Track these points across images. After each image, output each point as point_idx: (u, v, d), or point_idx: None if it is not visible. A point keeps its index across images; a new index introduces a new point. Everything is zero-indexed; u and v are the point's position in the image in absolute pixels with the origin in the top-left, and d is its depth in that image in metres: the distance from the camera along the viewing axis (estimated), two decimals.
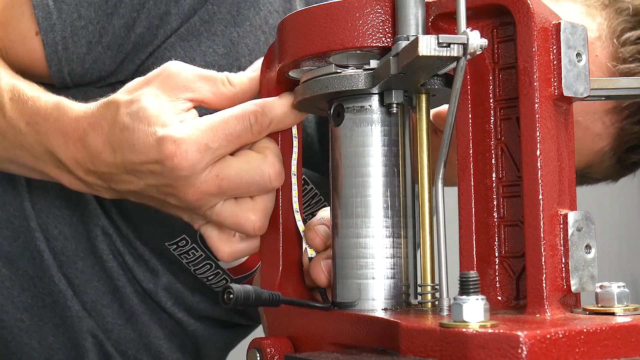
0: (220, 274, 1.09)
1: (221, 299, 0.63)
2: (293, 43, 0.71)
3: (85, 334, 1.07)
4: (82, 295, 1.06)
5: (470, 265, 0.67)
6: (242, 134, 0.75)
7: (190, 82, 0.78)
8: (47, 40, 0.96)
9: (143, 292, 1.09)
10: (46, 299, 1.06)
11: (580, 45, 0.65)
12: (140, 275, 1.08)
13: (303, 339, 0.71)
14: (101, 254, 1.05)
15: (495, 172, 0.67)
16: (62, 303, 1.06)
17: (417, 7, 0.67)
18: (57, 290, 1.05)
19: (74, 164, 0.82)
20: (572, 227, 0.63)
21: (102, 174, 0.81)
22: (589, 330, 0.54)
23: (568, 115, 0.67)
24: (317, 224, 0.77)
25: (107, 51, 0.97)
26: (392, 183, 0.71)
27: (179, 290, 1.10)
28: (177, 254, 1.06)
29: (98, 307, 1.08)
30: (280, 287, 0.76)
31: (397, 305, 0.70)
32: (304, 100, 0.73)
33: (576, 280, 0.62)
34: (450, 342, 0.53)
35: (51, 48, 0.96)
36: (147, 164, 0.76)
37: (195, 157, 0.74)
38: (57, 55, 0.97)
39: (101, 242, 1.05)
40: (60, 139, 0.82)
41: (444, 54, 0.59)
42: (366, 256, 0.70)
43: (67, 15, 0.96)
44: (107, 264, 1.06)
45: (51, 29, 0.96)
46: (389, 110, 0.70)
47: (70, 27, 0.96)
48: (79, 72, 0.99)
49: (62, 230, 1.05)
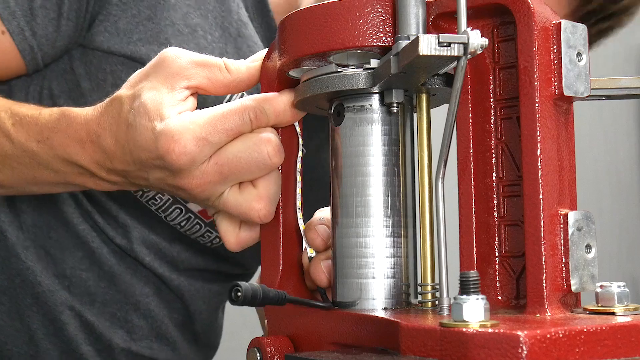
0: (192, 219, 1.08)
1: (229, 297, 0.63)
2: (293, 42, 0.71)
3: (61, 306, 1.06)
4: (61, 264, 1.06)
5: (470, 265, 0.67)
6: (241, 128, 0.75)
7: (186, 70, 0.78)
8: (12, 28, 0.96)
9: (120, 250, 1.08)
10: (15, 279, 1.06)
11: (580, 44, 0.65)
12: (112, 232, 1.07)
13: (303, 339, 0.71)
14: (71, 218, 1.05)
15: (495, 172, 0.67)
16: (32, 280, 1.06)
17: (418, 7, 0.67)
18: (24, 267, 1.05)
19: (95, 166, 0.83)
20: (572, 227, 0.63)
21: (121, 172, 0.81)
22: (589, 330, 0.54)
23: (568, 115, 0.67)
24: (318, 224, 0.77)
25: (69, 22, 0.98)
26: (392, 183, 0.71)
27: (155, 242, 1.09)
28: (144, 201, 1.06)
29: (77, 272, 1.07)
30: (280, 286, 0.76)
31: (397, 304, 0.70)
32: (304, 99, 0.73)
33: (576, 280, 0.62)
34: (451, 341, 0.53)
35: (19, 37, 0.96)
36: (152, 160, 0.77)
37: (193, 151, 0.74)
38: (27, 42, 0.97)
39: (69, 206, 1.05)
40: (75, 145, 0.83)
41: (445, 54, 0.59)
42: (366, 256, 0.70)
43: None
44: (78, 227, 1.06)
45: (12, 16, 0.96)
46: (389, 110, 0.70)
47: (29, 10, 0.96)
48: (50, 53, 1.00)
49: (30, 202, 1.05)
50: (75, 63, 1.03)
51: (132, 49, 1.01)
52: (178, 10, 1.02)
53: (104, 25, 1.00)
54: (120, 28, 1.01)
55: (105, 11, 1.00)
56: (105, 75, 1.02)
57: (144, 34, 1.01)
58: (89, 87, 1.03)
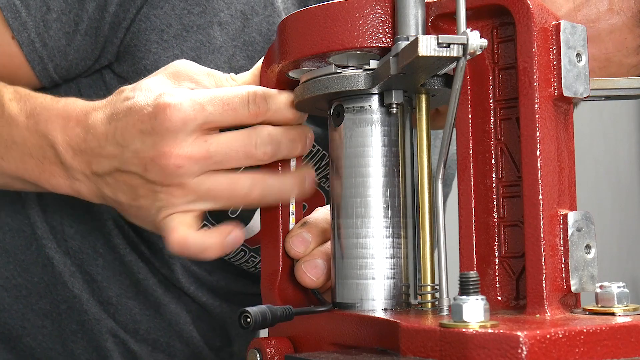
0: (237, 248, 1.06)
1: (239, 324, 0.64)
2: (293, 43, 0.71)
3: (105, 334, 1.07)
4: (107, 291, 1.06)
5: (470, 266, 0.67)
6: (239, 108, 0.74)
7: (195, 74, 0.78)
8: (22, 39, 0.95)
9: (165, 280, 1.08)
10: (61, 305, 1.06)
11: (580, 45, 0.65)
12: (157, 263, 1.07)
13: (303, 339, 0.71)
14: (118, 248, 1.05)
15: (495, 172, 0.67)
16: (78, 308, 1.06)
17: (417, 8, 0.67)
18: (71, 295, 1.05)
19: (65, 145, 0.81)
20: (572, 227, 0.63)
21: (90, 151, 0.79)
22: (589, 330, 0.54)
23: (568, 115, 0.67)
24: (296, 233, 0.76)
25: (85, 38, 0.97)
26: (392, 183, 0.71)
27: (196, 273, 1.09)
28: None
29: (123, 300, 1.07)
30: (280, 287, 0.76)
31: (397, 305, 0.70)
32: (304, 100, 0.73)
33: (576, 281, 0.62)
34: (450, 342, 0.53)
35: (29, 47, 0.95)
36: (140, 124, 0.75)
37: (188, 112, 0.73)
38: (37, 53, 0.96)
39: (116, 237, 1.05)
40: (60, 121, 0.82)
41: (444, 54, 0.59)
42: (366, 256, 0.70)
43: (36, 10, 0.95)
44: (125, 258, 1.05)
45: (23, 27, 0.95)
46: (388, 111, 0.70)
47: (42, 22, 0.95)
48: (64, 65, 0.98)
49: (77, 228, 1.05)
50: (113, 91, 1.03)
51: None
52: (224, 52, 0.99)
53: (143, 64, 0.97)
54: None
55: (144, 47, 0.97)
56: None
57: None
58: None
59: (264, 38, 1.00)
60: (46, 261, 1.04)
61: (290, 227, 0.77)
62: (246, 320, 0.63)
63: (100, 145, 0.78)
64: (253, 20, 1.00)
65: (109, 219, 1.04)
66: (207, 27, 0.97)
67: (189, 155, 0.73)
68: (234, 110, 0.74)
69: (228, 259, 1.09)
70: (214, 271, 1.11)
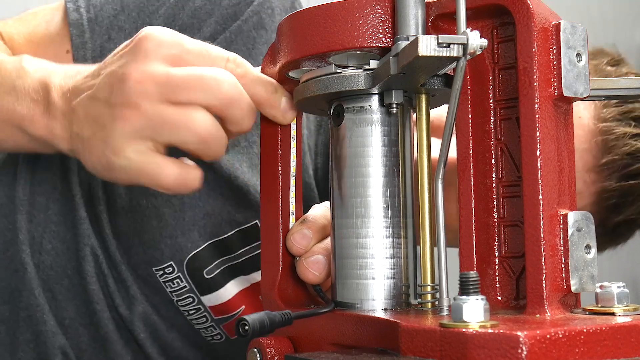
0: (201, 310, 1.08)
1: (237, 332, 0.63)
2: (293, 43, 0.71)
3: (56, 350, 1.06)
4: (62, 312, 1.06)
5: (470, 265, 0.67)
6: (217, 59, 0.76)
7: None
8: (77, 56, 0.99)
9: (120, 319, 1.07)
10: (21, 313, 1.05)
11: (580, 45, 0.65)
12: (118, 300, 1.06)
13: (303, 339, 0.71)
14: (86, 274, 1.05)
15: (495, 172, 0.67)
16: (39, 317, 1.05)
17: (417, 7, 0.67)
18: (35, 304, 1.05)
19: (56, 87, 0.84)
20: (572, 227, 0.63)
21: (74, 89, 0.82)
22: (589, 331, 0.54)
23: (568, 116, 0.67)
24: (297, 230, 0.76)
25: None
26: (392, 183, 0.71)
27: (155, 323, 1.08)
28: (162, 281, 1.05)
29: (75, 325, 1.07)
30: (280, 287, 0.76)
31: (397, 305, 0.70)
32: (304, 100, 0.73)
33: (576, 281, 0.62)
34: (450, 342, 0.53)
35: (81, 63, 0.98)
36: (123, 49, 0.78)
37: (166, 39, 0.75)
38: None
39: (88, 263, 1.04)
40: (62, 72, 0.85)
41: (444, 54, 0.59)
42: (366, 256, 0.70)
43: (99, 36, 0.99)
44: (89, 286, 1.05)
45: (82, 46, 0.99)
46: (388, 111, 0.70)
47: (99, 48, 0.99)
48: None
49: (55, 245, 1.05)
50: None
51: None
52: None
53: None
54: None
55: None
56: None
57: None
58: None
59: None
60: (19, 266, 1.04)
61: (290, 227, 0.77)
62: (244, 329, 0.63)
63: (85, 82, 0.81)
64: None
65: (87, 244, 1.04)
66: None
67: (151, 73, 0.74)
68: (211, 59, 0.76)
69: (190, 319, 1.08)
70: (173, 329, 1.10)
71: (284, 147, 0.78)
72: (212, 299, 1.07)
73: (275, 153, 0.78)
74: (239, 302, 1.08)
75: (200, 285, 1.06)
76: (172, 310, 1.08)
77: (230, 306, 1.08)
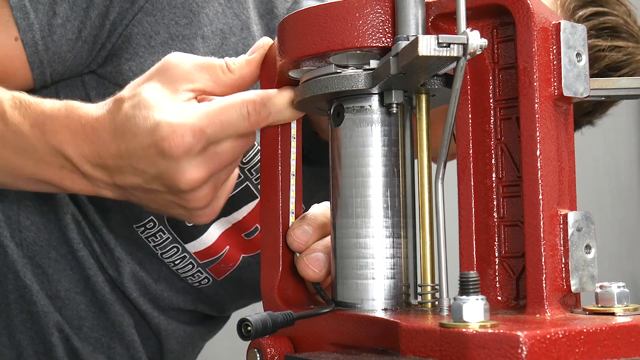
0: (187, 258, 1.10)
1: (239, 333, 0.63)
2: (293, 43, 0.71)
3: (52, 328, 1.07)
4: (56, 285, 1.07)
5: (470, 265, 0.67)
6: (239, 122, 0.75)
7: (189, 74, 0.78)
8: (26, 40, 0.96)
9: (112, 281, 1.09)
10: (10, 295, 1.06)
11: (580, 45, 0.65)
12: (106, 263, 1.08)
13: (303, 339, 0.71)
14: (72, 242, 1.06)
15: (495, 172, 0.67)
16: (28, 298, 1.06)
17: (417, 7, 0.67)
18: (22, 285, 1.05)
19: (81, 158, 0.82)
20: (572, 227, 0.63)
21: (108, 167, 0.81)
22: (589, 330, 0.54)
23: (568, 115, 0.67)
24: (297, 226, 0.77)
25: (84, 45, 0.98)
26: (392, 183, 0.71)
27: (143, 279, 1.10)
28: (144, 237, 1.07)
29: (72, 295, 1.08)
30: (280, 287, 0.76)
31: (397, 305, 0.70)
32: (304, 100, 0.73)
33: (576, 281, 0.62)
34: (450, 342, 0.53)
35: (32, 49, 0.96)
36: (146, 149, 0.76)
37: (190, 142, 0.74)
38: (38, 56, 0.96)
39: (72, 231, 1.05)
40: (68, 134, 0.82)
41: (444, 54, 0.59)
42: (366, 256, 0.70)
43: (44, 13, 0.95)
44: (78, 252, 1.06)
45: (29, 28, 0.95)
46: (388, 111, 0.70)
47: (47, 25, 0.96)
48: (60, 71, 0.99)
49: (34, 220, 1.05)
50: (92, 92, 1.03)
51: None
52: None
53: (129, 65, 1.00)
54: (146, 71, 1.01)
55: (131, 49, 0.99)
56: None
57: None
58: None
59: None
60: (0, 250, 1.04)
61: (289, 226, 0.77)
62: (247, 329, 0.63)
63: (117, 164, 0.80)
64: (230, 40, 1.03)
65: (67, 212, 1.05)
66: (192, 38, 1.00)
67: (199, 177, 0.77)
68: (235, 126, 0.76)
69: (176, 269, 1.10)
70: (160, 280, 1.12)
71: (284, 147, 0.78)
72: (196, 245, 1.09)
73: (275, 153, 0.78)
74: (222, 243, 1.10)
75: (182, 234, 1.08)
76: (157, 263, 1.10)
77: (214, 249, 1.10)
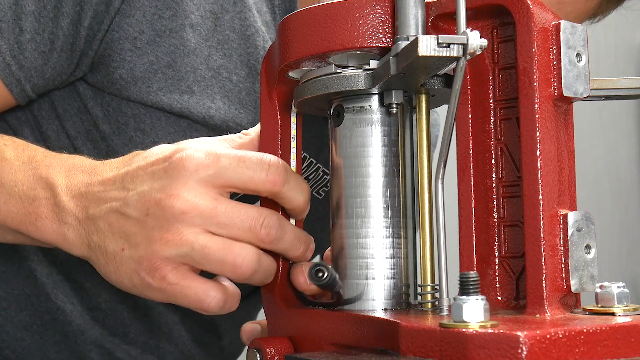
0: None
1: (312, 276, 0.62)
2: (293, 43, 0.71)
3: (90, 345, 1.06)
4: (96, 298, 1.06)
5: (470, 266, 0.67)
6: (256, 168, 0.72)
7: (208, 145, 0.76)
8: None
9: None
10: (44, 317, 1.06)
11: (580, 45, 0.65)
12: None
13: (303, 339, 0.71)
14: None
15: (495, 172, 0.67)
16: (62, 319, 1.05)
17: (417, 8, 0.67)
18: (54, 307, 1.05)
19: (65, 188, 0.78)
20: (572, 227, 0.63)
21: (90, 195, 0.77)
22: (589, 331, 0.54)
23: (568, 116, 0.67)
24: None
25: (62, 54, 0.95)
26: (392, 183, 0.71)
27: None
28: None
29: (113, 304, 1.07)
30: (280, 287, 0.76)
31: (397, 305, 0.70)
32: (304, 100, 0.73)
33: (576, 281, 0.62)
34: (450, 342, 0.53)
35: (5, 71, 0.93)
36: (154, 165, 0.73)
37: (202, 159, 0.71)
38: (13, 76, 0.94)
39: None
40: (64, 168, 0.80)
41: (444, 54, 0.59)
42: (366, 256, 0.70)
43: (9, 33, 0.92)
44: None
45: None
46: (388, 111, 0.70)
47: (16, 44, 0.93)
48: (41, 84, 0.97)
49: None
50: (89, 103, 1.00)
51: (153, 99, 0.97)
52: (199, 53, 0.97)
53: (119, 73, 0.96)
54: (138, 76, 0.96)
55: (118, 57, 0.95)
56: (126, 119, 0.99)
57: (164, 82, 0.97)
58: (109, 131, 0.99)
59: (238, 35, 1.00)
60: (28, 273, 1.04)
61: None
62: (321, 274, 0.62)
63: (105, 190, 0.76)
64: (224, 18, 0.99)
65: None
66: (180, 30, 0.96)
67: (197, 204, 0.71)
68: (250, 170, 0.72)
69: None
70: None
71: (284, 147, 0.78)
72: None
73: (276, 153, 0.78)
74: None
75: None
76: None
77: None
